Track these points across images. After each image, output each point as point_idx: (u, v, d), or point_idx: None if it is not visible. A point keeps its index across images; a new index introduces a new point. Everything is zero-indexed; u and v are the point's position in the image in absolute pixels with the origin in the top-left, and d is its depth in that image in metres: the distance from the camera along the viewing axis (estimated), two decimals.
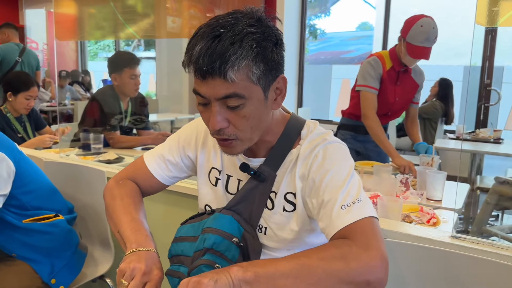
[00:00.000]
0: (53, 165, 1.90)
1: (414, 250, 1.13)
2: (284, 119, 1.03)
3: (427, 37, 2.13)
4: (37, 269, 1.48)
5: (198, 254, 0.99)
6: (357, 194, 0.88)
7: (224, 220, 1.00)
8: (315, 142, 0.97)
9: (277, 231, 1.00)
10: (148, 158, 1.14)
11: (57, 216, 1.55)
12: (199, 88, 0.87)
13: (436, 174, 1.83)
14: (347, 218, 0.84)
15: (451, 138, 4.01)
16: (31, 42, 7.93)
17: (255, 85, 0.86)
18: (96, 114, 2.82)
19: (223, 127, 0.89)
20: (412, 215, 1.59)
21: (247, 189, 1.01)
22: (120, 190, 1.10)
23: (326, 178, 0.91)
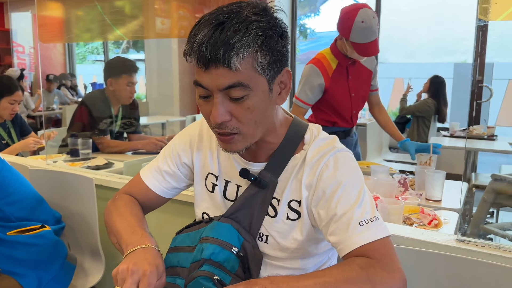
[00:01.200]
0: (39, 172, 1.82)
1: (419, 256, 1.08)
2: (287, 122, 0.98)
3: (372, 30, 1.98)
4: (23, 283, 1.41)
5: (195, 265, 0.93)
6: (373, 210, 0.86)
7: (223, 228, 0.94)
8: (323, 149, 0.92)
9: (279, 240, 0.94)
10: (144, 172, 1.10)
11: (44, 227, 1.48)
12: (201, 78, 0.82)
13: (435, 174, 1.79)
14: (366, 236, 0.82)
15: (445, 135, 3.99)
16: (17, 46, 7.80)
17: (260, 75, 0.82)
18: (85, 118, 2.75)
19: (225, 120, 0.84)
20: (413, 217, 1.54)
21: (247, 196, 0.96)
22: (115, 204, 1.05)
23: (339, 191, 0.87)
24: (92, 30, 2.54)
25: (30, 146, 2.52)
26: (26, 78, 7.58)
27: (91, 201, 1.66)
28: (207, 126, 1.06)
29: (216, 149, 1.04)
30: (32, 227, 1.45)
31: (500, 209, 3.42)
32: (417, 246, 1.12)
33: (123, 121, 2.86)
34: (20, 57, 7.80)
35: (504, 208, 3.12)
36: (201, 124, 1.08)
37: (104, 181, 1.82)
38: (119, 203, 1.05)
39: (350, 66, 2.21)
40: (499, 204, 2.65)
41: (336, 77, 2.18)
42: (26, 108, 6.08)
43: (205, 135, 1.06)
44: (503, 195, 2.50)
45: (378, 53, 2.09)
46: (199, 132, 1.07)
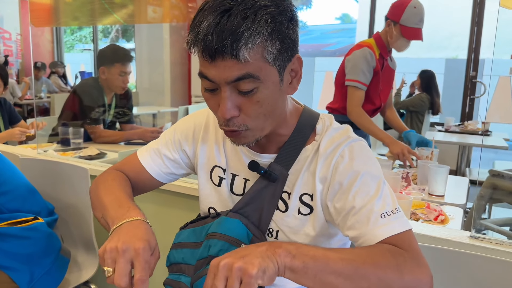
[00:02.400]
0: (30, 162, 1.74)
1: (432, 252, 1.04)
2: (297, 112, 0.93)
3: (421, 18, 2.14)
4: (14, 278, 1.34)
5: (202, 262, 0.88)
6: (394, 202, 0.82)
7: (231, 224, 0.89)
8: (337, 139, 0.87)
9: (290, 235, 0.90)
10: (141, 152, 1.03)
11: (36, 219, 1.41)
12: (206, 71, 0.76)
13: (438, 168, 1.76)
14: (389, 228, 0.77)
15: (440, 130, 3.99)
16: (3, 32, 7.59)
17: (270, 65, 0.76)
18: (77, 107, 2.67)
19: (234, 116, 0.78)
20: (418, 212, 1.51)
21: (256, 189, 0.90)
22: (103, 177, 0.98)
23: (357, 182, 0.81)
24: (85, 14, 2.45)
25: (16, 137, 2.42)
26: (12, 66, 7.40)
27: (85, 192, 1.60)
28: (213, 117, 1.00)
29: (222, 141, 0.98)
30: (24, 219, 1.38)
31: (493, 205, 3.44)
32: (429, 243, 1.09)
33: (116, 111, 2.78)
34: (6, 44, 7.59)
35: (496, 204, 3.13)
36: (208, 113, 1.02)
37: (99, 171, 1.75)
38: (108, 177, 0.98)
39: (385, 60, 2.27)
40: (496, 200, 2.65)
41: (378, 66, 2.24)
42: (12, 96, 5.92)
43: (211, 126, 1.00)
44: (501, 191, 2.50)
45: (422, 39, 2.18)
46: (206, 123, 1.01)
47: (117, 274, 0.69)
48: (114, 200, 0.86)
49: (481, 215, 2.63)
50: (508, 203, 2.57)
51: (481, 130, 3.73)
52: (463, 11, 5.28)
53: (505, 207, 3.16)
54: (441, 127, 4.12)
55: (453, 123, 4.09)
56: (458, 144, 3.61)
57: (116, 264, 0.70)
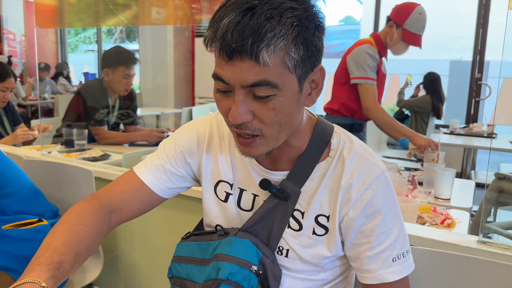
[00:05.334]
0: (35, 163, 1.74)
1: (439, 257, 1.03)
2: (311, 123, 0.88)
3: (423, 25, 2.15)
4: None
5: (210, 284, 0.85)
6: (407, 244, 0.86)
7: (241, 245, 0.85)
8: (367, 167, 0.83)
9: (302, 254, 0.87)
10: (139, 168, 0.95)
11: (41, 221, 1.40)
12: (222, 71, 0.72)
13: (445, 172, 1.75)
14: (396, 273, 0.84)
15: (445, 133, 3.97)
16: (8, 33, 7.62)
17: (290, 73, 0.71)
18: (81, 108, 2.67)
19: (246, 121, 0.74)
20: (425, 216, 1.50)
21: (267, 208, 0.87)
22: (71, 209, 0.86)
23: (379, 221, 0.83)
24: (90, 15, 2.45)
25: (19, 139, 2.41)
26: (16, 66, 7.42)
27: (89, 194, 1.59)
28: (217, 125, 0.95)
29: (228, 153, 0.93)
30: (28, 221, 1.37)
31: (499, 208, 3.41)
32: (437, 247, 1.08)
33: (120, 112, 2.78)
34: (11, 45, 7.62)
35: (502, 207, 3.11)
36: (211, 122, 0.96)
37: (103, 173, 1.75)
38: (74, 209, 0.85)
39: (381, 61, 2.25)
40: (502, 203, 2.63)
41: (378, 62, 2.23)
42: (16, 97, 5.94)
43: (215, 136, 0.95)
44: (507, 194, 2.48)
45: (421, 47, 2.19)
46: (209, 132, 0.95)
47: None
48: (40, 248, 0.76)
49: (487, 219, 2.62)
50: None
51: (487, 132, 3.70)
52: (468, 13, 5.26)
53: (511, 210, 3.14)
54: (446, 129, 4.10)
55: (458, 125, 4.07)
56: (463, 147, 3.59)
57: None
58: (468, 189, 1.99)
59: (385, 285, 0.84)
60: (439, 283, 1.04)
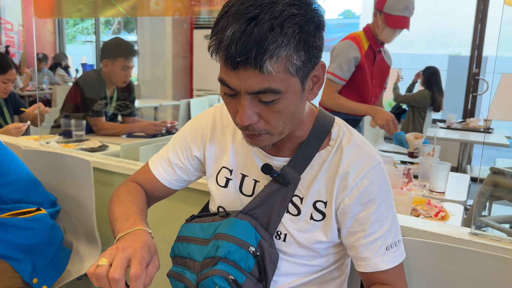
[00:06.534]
0: (33, 153, 1.75)
1: (432, 248, 1.05)
2: (313, 114, 0.93)
3: (406, 5, 2.03)
4: (17, 268, 1.35)
5: (209, 261, 0.88)
6: (399, 233, 0.91)
7: (240, 226, 0.89)
8: (364, 157, 0.87)
9: (299, 239, 0.90)
10: (152, 163, 1.05)
11: (39, 210, 1.42)
12: (228, 79, 0.75)
13: (440, 165, 1.77)
14: (390, 261, 0.88)
15: (441, 127, 3.99)
16: (5, 23, 7.57)
17: (292, 76, 0.75)
18: (78, 99, 2.67)
19: (253, 122, 0.79)
20: (419, 208, 1.52)
21: (268, 192, 0.90)
22: (118, 190, 1.02)
23: (374, 210, 0.86)
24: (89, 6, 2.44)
25: (12, 133, 2.41)
26: (14, 57, 7.38)
27: (88, 184, 1.60)
28: (220, 116, 1.01)
29: (231, 141, 0.98)
30: (27, 210, 1.39)
31: (494, 202, 3.44)
32: (429, 239, 1.09)
33: (118, 103, 2.78)
34: (8, 35, 7.57)
35: (497, 201, 3.14)
36: (214, 114, 1.02)
37: (101, 164, 1.76)
38: (122, 190, 1.01)
39: (377, 53, 2.21)
40: (497, 197, 2.66)
41: (366, 59, 2.17)
42: (14, 87, 5.91)
43: (218, 127, 1.00)
44: (502, 188, 2.50)
45: (408, 28, 2.09)
46: (212, 124, 1.01)
47: (113, 267, 0.71)
48: (123, 214, 0.90)
49: (482, 212, 2.64)
50: (509, 201, 2.58)
51: (483, 127, 3.72)
52: (467, 7, 5.26)
53: (505, 205, 3.17)
54: (443, 124, 4.12)
55: (455, 120, 4.09)
56: (460, 141, 3.61)
57: (114, 258, 0.72)
58: (463, 183, 2.01)
59: (379, 273, 0.88)
60: (432, 273, 1.06)
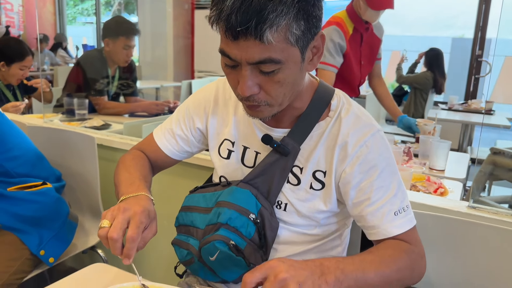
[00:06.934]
0: (38, 130, 1.77)
1: (430, 220, 1.07)
2: (313, 86, 0.93)
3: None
4: (24, 240, 1.39)
5: (210, 228, 0.91)
6: (406, 198, 0.89)
7: (241, 194, 0.91)
8: (362, 125, 0.88)
9: (299, 208, 0.92)
10: (156, 133, 1.08)
11: (45, 184, 1.44)
12: (228, 49, 0.76)
13: (440, 143, 1.78)
14: (400, 225, 0.86)
15: (443, 109, 3.99)
16: (5, 3, 7.50)
17: (292, 46, 0.75)
18: (80, 79, 2.67)
19: (254, 93, 0.79)
20: (418, 185, 1.54)
21: (268, 162, 0.92)
22: (124, 158, 1.05)
23: (376, 176, 0.86)
24: None
25: (10, 111, 2.42)
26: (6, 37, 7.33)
27: (92, 161, 1.63)
28: (222, 89, 1.02)
29: (233, 114, 0.99)
30: (33, 184, 1.41)
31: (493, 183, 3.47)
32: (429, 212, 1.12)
33: (120, 82, 2.79)
34: (8, 15, 7.51)
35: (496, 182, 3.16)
36: (217, 86, 1.03)
37: (105, 140, 1.78)
38: (128, 157, 1.04)
39: (364, 32, 2.15)
40: (496, 177, 2.68)
41: (351, 42, 2.12)
42: None
43: (221, 99, 1.02)
44: (501, 168, 2.52)
45: (392, 7, 2.00)
46: (214, 96, 1.02)
47: (112, 227, 0.76)
48: (128, 179, 0.93)
49: (481, 191, 2.67)
50: (508, 180, 2.60)
51: (485, 109, 3.72)
52: None
53: (504, 186, 3.19)
54: (445, 106, 4.12)
55: (457, 101, 4.08)
56: (461, 123, 3.61)
57: (115, 219, 0.77)
58: (462, 161, 2.03)
59: (392, 239, 0.86)
60: (431, 245, 1.08)
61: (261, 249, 0.91)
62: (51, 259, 1.43)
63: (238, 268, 0.90)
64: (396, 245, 0.85)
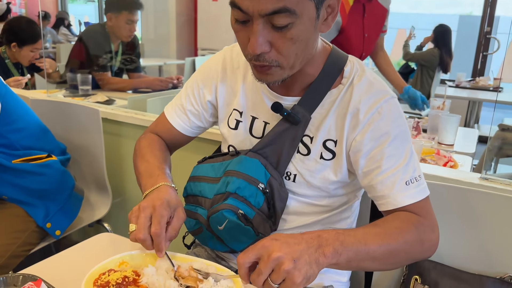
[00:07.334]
0: (41, 103, 1.74)
1: (443, 190, 1.05)
2: (325, 51, 0.89)
3: None
4: (31, 212, 1.38)
5: (219, 197, 0.89)
6: (418, 168, 0.85)
7: (250, 163, 0.89)
8: (375, 92, 0.84)
9: (309, 178, 0.90)
10: (168, 111, 1.05)
11: (50, 157, 1.42)
12: (240, 1, 0.72)
13: (450, 117, 1.76)
14: (411, 195, 0.82)
15: (450, 86, 3.93)
16: None
17: None
18: (83, 55, 2.64)
19: (265, 51, 0.75)
20: (428, 158, 1.52)
21: (277, 132, 0.89)
22: (140, 144, 1.03)
23: (388, 144, 0.83)
24: None
25: (11, 85, 2.39)
26: (16, 15, 7.26)
27: (97, 134, 1.61)
28: (230, 58, 0.99)
29: (241, 83, 0.96)
30: (38, 156, 1.39)
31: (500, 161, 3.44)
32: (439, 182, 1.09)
33: (123, 57, 2.75)
34: None
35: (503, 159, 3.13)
36: (224, 56, 1.00)
37: (110, 114, 1.76)
38: (143, 143, 1.03)
39: (367, 2, 2.05)
40: (503, 154, 2.65)
41: (352, 14, 2.01)
42: None
43: (229, 68, 0.98)
44: (509, 144, 2.50)
45: None
46: (222, 66, 0.99)
47: (137, 229, 0.76)
48: (147, 169, 0.93)
49: (488, 168, 2.64)
50: None
51: (493, 86, 3.67)
52: None
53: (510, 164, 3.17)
54: (452, 83, 4.06)
55: (464, 78, 4.02)
56: (468, 100, 3.57)
57: (138, 220, 0.77)
58: (471, 137, 2.00)
59: (402, 211, 0.83)
60: (442, 215, 1.06)
61: (270, 219, 0.89)
62: (58, 231, 1.43)
63: (246, 237, 0.88)
64: (404, 217, 0.81)
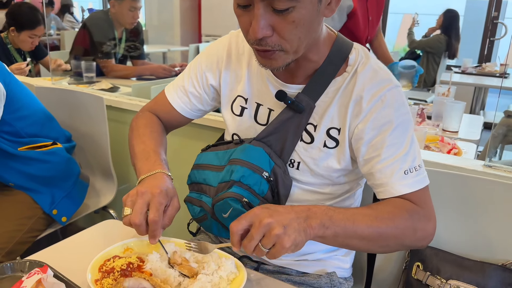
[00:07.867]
0: (46, 91, 1.75)
1: (446, 178, 1.05)
2: (330, 39, 0.88)
3: None
4: (37, 199, 1.40)
5: (223, 185, 0.90)
6: (419, 158, 0.85)
7: (254, 152, 0.89)
8: (379, 80, 0.84)
9: (312, 166, 0.90)
10: (169, 91, 1.04)
11: (55, 144, 1.44)
12: None
13: (454, 104, 1.75)
14: (409, 185, 0.83)
15: (456, 72, 3.89)
16: None
17: None
18: (87, 42, 2.64)
19: (267, 36, 0.74)
20: (432, 145, 1.52)
21: (281, 120, 0.89)
22: (137, 123, 1.02)
23: (390, 132, 0.82)
24: None
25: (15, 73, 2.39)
26: (19, 1, 7.22)
27: (101, 121, 1.62)
28: (235, 44, 0.98)
29: (247, 68, 0.96)
30: (43, 144, 1.41)
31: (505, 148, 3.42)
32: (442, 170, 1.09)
33: (127, 44, 2.75)
34: None
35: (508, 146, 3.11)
36: (229, 40, 0.99)
37: (114, 101, 1.76)
38: (141, 122, 1.02)
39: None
40: (509, 141, 2.64)
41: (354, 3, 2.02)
42: None
43: (234, 54, 0.98)
44: None
45: None
46: (227, 51, 0.98)
47: (133, 213, 0.77)
48: (143, 151, 0.92)
49: (493, 155, 2.63)
50: None
51: (499, 72, 3.63)
52: None
53: None
54: (458, 69, 4.02)
55: (470, 64, 3.98)
56: (474, 86, 3.54)
57: (135, 205, 0.77)
58: (476, 123, 1.99)
59: (398, 198, 0.83)
60: (445, 203, 1.06)
61: None
62: (64, 218, 1.45)
63: None
64: (399, 203, 0.82)
